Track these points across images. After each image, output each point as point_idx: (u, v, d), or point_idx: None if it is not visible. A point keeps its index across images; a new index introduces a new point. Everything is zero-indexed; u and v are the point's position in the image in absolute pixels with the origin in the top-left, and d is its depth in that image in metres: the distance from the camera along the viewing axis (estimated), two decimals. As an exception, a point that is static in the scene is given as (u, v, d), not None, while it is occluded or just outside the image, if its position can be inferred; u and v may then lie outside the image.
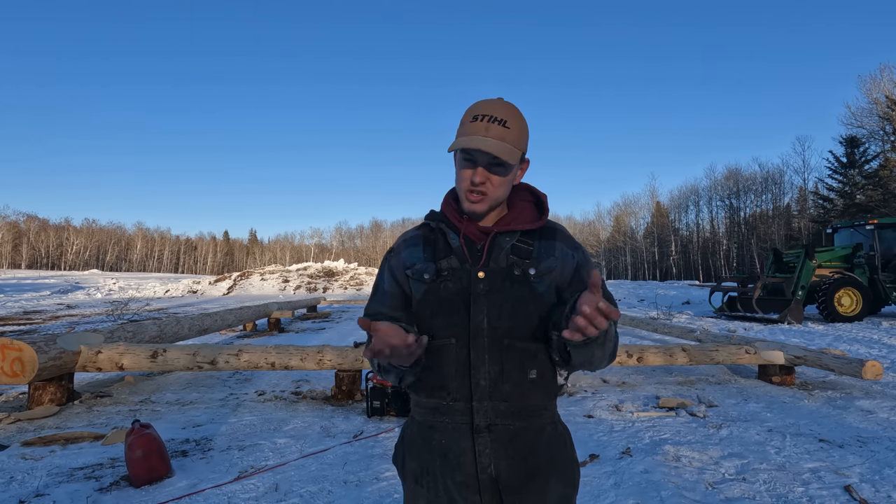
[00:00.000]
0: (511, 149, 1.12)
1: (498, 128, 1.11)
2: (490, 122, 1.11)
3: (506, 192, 1.18)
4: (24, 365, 4.17)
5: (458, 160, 1.17)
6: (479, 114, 1.13)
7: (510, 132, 1.12)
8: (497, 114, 1.13)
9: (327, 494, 2.82)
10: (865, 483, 2.95)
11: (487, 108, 1.13)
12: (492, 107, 1.14)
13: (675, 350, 5.58)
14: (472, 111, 1.15)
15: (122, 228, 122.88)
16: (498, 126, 1.11)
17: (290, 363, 4.89)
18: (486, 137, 1.10)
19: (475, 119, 1.13)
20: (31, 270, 73.73)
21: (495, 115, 1.12)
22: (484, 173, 1.12)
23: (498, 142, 1.10)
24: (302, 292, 30.35)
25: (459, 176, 1.16)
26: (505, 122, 1.12)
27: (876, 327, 11.20)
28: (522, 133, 1.16)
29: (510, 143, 1.12)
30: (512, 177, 1.17)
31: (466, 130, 1.13)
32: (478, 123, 1.12)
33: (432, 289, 1.17)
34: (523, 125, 1.17)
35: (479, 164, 1.12)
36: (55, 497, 2.76)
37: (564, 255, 1.19)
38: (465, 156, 1.14)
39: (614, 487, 2.90)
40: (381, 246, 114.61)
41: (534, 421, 1.15)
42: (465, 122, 1.15)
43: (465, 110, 1.18)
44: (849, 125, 40.57)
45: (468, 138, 1.11)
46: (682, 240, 73.68)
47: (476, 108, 1.15)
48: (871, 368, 4.90)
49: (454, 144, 1.13)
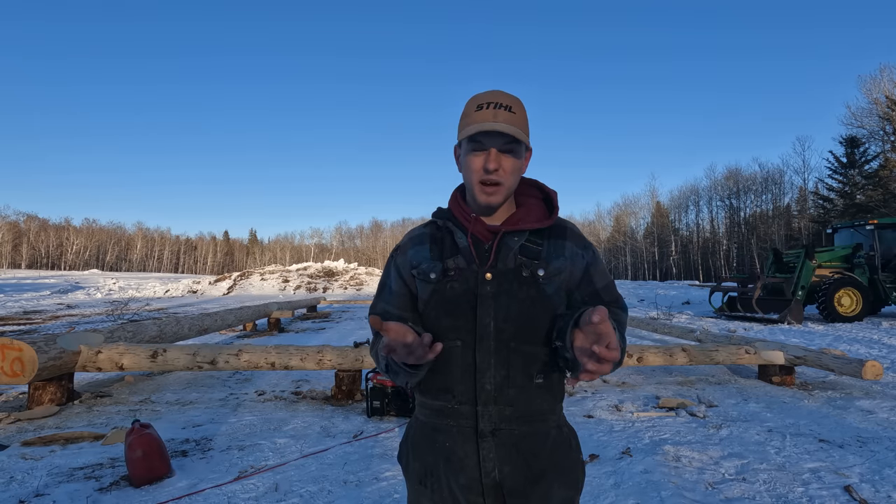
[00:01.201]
0: (521, 131, 1.11)
1: (505, 113, 1.10)
2: (496, 108, 1.10)
3: (516, 181, 1.16)
4: (24, 365, 4.17)
5: (465, 151, 1.14)
6: (484, 102, 1.12)
7: (517, 117, 1.12)
8: (502, 101, 1.12)
9: (327, 494, 2.82)
10: (865, 483, 2.95)
11: (491, 97, 1.12)
12: (495, 95, 1.13)
13: (675, 350, 5.58)
14: (475, 101, 1.13)
15: (122, 228, 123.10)
16: (504, 111, 1.10)
17: (290, 363, 4.89)
18: (496, 122, 1.09)
19: (480, 108, 1.11)
20: (31, 270, 73.73)
21: (500, 102, 1.11)
22: (497, 157, 1.10)
23: (509, 124, 1.09)
24: (302, 292, 30.34)
25: (469, 166, 1.13)
26: (510, 108, 1.11)
27: (876, 327, 11.20)
28: (526, 122, 1.15)
29: (519, 127, 1.11)
30: (521, 164, 1.15)
31: (473, 119, 1.11)
32: (485, 111, 1.10)
33: (438, 289, 1.14)
34: (525, 114, 1.16)
35: (490, 149, 1.10)
36: (55, 497, 2.75)
37: (574, 255, 1.17)
38: (474, 145, 1.11)
39: (614, 487, 2.90)
40: (381, 246, 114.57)
41: (539, 426, 1.13)
42: (468, 113, 1.13)
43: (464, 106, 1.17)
44: (849, 125, 40.58)
45: (478, 124, 1.09)
46: (682, 240, 73.64)
47: (479, 97, 1.14)
48: (871, 368, 4.90)
49: (466, 131, 1.10)
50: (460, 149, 1.17)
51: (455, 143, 1.21)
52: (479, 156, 1.11)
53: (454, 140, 1.21)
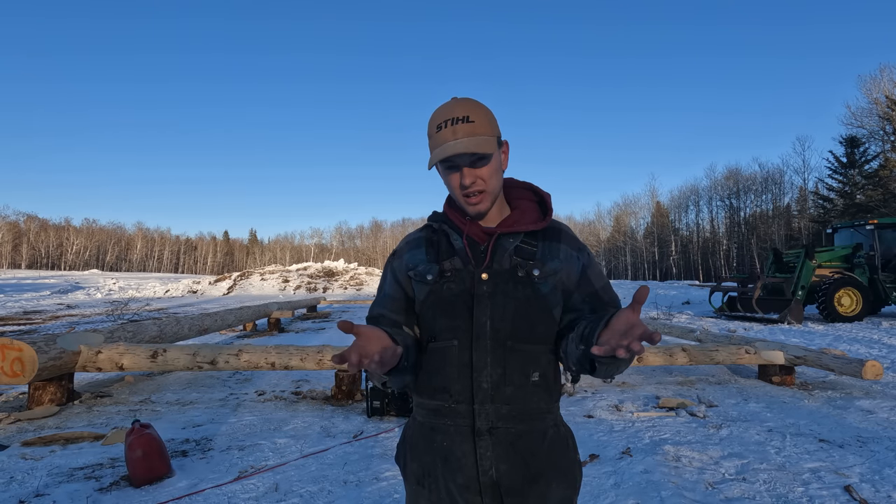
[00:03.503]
0: (484, 139, 1.11)
1: (463, 126, 1.10)
2: (454, 124, 1.10)
3: (499, 181, 1.17)
4: (24, 365, 4.17)
5: (442, 172, 1.16)
6: (441, 121, 1.12)
7: (476, 125, 1.11)
8: (456, 114, 1.12)
9: (327, 494, 2.82)
10: (865, 483, 2.95)
11: (446, 113, 1.12)
12: (449, 109, 1.13)
13: (675, 350, 5.58)
14: (433, 121, 1.14)
15: (122, 228, 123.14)
16: (463, 124, 1.11)
17: (290, 363, 4.89)
18: (456, 140, 1.09)
19: (439, 129, 1.12)
20: (31, 270, 73.74)
21: (456, 116, 1.11)
22: (470, 172, 1.12)
23: (469, 138, 1.10)
24: (302, 292, 30.35)
25: (450, 185, 1.16)
26: (468, 118, 1.11)
27: (876, 327, 11.20)
28: (490, 120, 1.15)
29: (481, 134, 1.11)
30: (498, 163, 1.16)
31: (436, 142, 1.12)
32: (444, 131, 1.11)
33: (435, 290, 1.17)
34: (486, 112, 1.15)
35: (462, 166, 1.12)
36: (55, 497, 2.76)
37: (569, 258, 1.19)
38: (446, 164, 1.13)
39: (614, 487, 2.90)
40: (381, 246, 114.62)
41: (536, 424, 1.15)
42: (431, 135, 1.14)
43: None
44: (849, 125, 40.60)
45: (440, 149, 1.10)
46: (682, 240, 73.67)
47: (435, 117, 1.14)
48: (871, 368, 4.90)
49: (431, 160, 1.13)
50: (439, 168, 1.18)
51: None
52: (454, 174, 1.13)
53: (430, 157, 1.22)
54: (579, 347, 1.07)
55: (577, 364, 1.11)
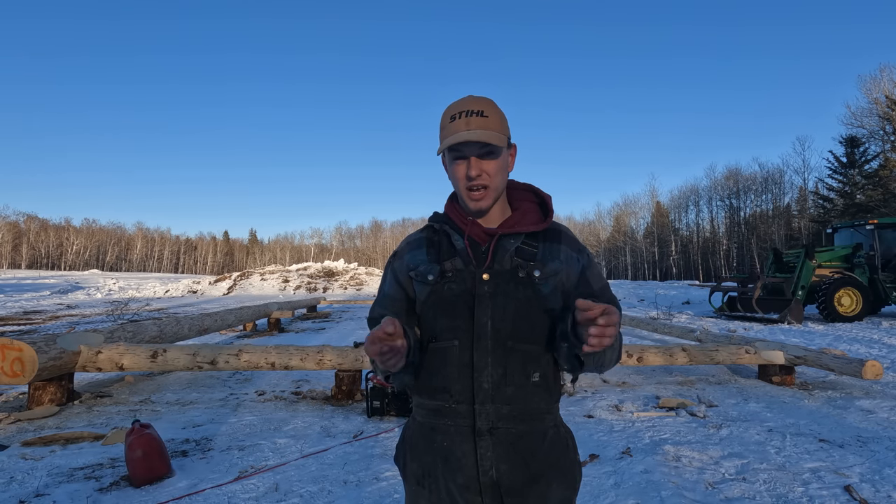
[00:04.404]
0: (496, 134, 1.13)
1: (477, 119, 1.13)
2: (468, 116, 1.13)
3: (503, 180, 1.19)
4: (24, 365, 4.17)
5: (448, 162, 1.17)
6: (456, 112, 1.14)
7: (490, 120, 1.14)
8: (472, 107, 1.14)
9: (327, 494, 2.82)
10: (865, 483, 2.95)
11: (462, 105, 1.15)
12: (466, 103, 1.15)
13: (675, 350, 5.58)
14: (448, 113, 1.16)
15: (122, 228, 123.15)
16: (477, 118, 1.13)
17: (290, 363, 4.89)
18: (469, 130, 1.11)
19: (453, 119, 1.14)
20: (31, 270, 73.75)
21: (471, 109, 1.14)
22: (477, 164, 1.13)
23: (482, 130, 1.12)
24: (302, 292, 30.34)
25: (454, 175, 1.17)
26: (482, 113, 1.14)
27: (876, 327, 11.20)
28: (502, 120, 1.17)
29: (493, 129, 1.13)
30: (505, 162, 1.17)
31: (448, 131, 1.14)
32: (458, 121, 1.13)
33: (436, 290, 1.17)
34: (500, 113, 1.18)
35: (470, 156, 1.13)
36: (55, 497, 2.75)
37: (569, 259, 1.20)
38: (454, 154, 1.15)
39: (614, 487, 2.90)
40: (381, 246, 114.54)
41: (536, 424, 1.15)
42: (444, 126, 1.16)
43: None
44: (849, 125, 40.61)
45: (453, 136, 1.12)
46: (682, 240, 73.66)
47: (451, 108, 1.16)
48: (871, 368, 4.90)
49: (444, 144, 1.14)
50: (445, 159, 1.20)
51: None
52: (461, 165, 1.14)
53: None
54: (562, 345, 1.11)
55: (566, 362, 1.14)
